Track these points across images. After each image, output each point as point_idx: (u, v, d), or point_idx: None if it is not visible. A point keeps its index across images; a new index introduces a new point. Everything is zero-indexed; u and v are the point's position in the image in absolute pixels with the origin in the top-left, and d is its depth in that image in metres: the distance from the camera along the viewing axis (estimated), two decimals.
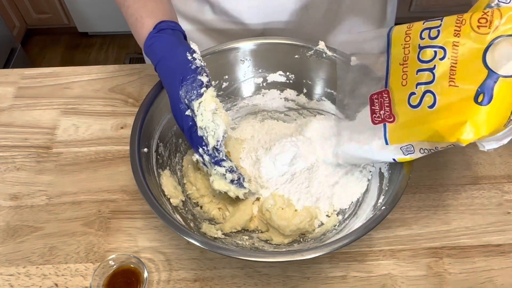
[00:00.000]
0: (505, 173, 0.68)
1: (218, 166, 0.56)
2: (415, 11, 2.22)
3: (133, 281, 0.57)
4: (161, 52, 0.56)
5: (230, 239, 0.60)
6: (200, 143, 0.55)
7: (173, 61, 0.55)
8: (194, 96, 0.54)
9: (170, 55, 0.56)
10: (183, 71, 0.54)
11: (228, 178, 0.57)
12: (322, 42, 0.67)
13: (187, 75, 0.54)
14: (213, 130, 0.54)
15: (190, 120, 0.55)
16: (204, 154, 0.55)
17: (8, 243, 0.63)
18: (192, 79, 0.54)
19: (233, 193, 0.59)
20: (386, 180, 0.60)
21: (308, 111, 0.73)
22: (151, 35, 0.58)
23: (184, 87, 0.54)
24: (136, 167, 0.55)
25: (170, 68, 0.55)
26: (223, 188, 0.59)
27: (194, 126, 0.55)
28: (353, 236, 0.50)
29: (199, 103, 0.53)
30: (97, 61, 2.30)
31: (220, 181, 0.58)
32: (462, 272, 0.60)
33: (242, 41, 0.69)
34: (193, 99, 0.53)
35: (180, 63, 0.55)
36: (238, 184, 0.59)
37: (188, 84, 0.54)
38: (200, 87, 0.54)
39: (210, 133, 0.54)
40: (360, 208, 0.61)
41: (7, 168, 0.71)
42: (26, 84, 0.82)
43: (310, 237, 0.61)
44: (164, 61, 0.56)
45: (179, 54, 0.55)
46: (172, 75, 0.55)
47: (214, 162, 0.56)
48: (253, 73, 0.71)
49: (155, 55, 0.57)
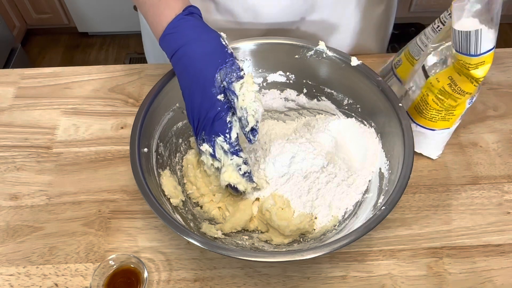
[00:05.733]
0: (505, 173, 0.68)
1: (236, 156, 0.57)
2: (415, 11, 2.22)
3: (133, 281, 0.57)
4: (191, 34, 0.55)
5: (230, 239, 0.60)
6: (223, 130, 0.55)
7: (208, 44, 0.54)
8: (235, 78, 0.54)
9: (204, 39, 0.55)
10: (221, 54, 0.54)
11: (243, 169, 0.58)
12: (322, 42, 0.67)
13: (225, 58, 0.54)
14: (254, 110, 0.54)
15: (219, 105, 0.54)
16: (224, 143, 0.55)
17: (8, 243, 0.63)
18: (231, 62, 0.54)
19: (243, 186, 0.60)
20: (386, 180, 0.60)
21: (308, 111, 0.73)
22: (180, 16, 0.56)
23: (223, 69, 0.53)
24: (136, 167, 0.55)
25: (205, 52, 0.54)
26: (234, 180, 0.59)
27: (222, 112, 0.54)
28: (353, 236, 0.50)
29: (241, 84, 0.54)
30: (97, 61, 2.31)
31: (232, 173, 0.58)
32: (462, 272, 0.60)
33: (242, 41, 0.69)
34: (233, 81, 0.53)
35: (217, 47, 0.54)
36: (249, 177, 0.59)
37: (228, 67, 0.54)
38: (239, 70, 0.54)
39: (251, 112, 0.54)
40: (360, 208, 0.61)
41: (7, 168, 0.71)
42: (26, 84, 0.82)
43: (310, 237, 0.61)
44: (196, 43, 0.55)
45: (213, 38, 0.55)
46: (207, 58, 0.54)
47: (232, 152, 0.56)
48: (253, 73, 0.71)
49: (181, 37, 0.55)
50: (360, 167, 0.65)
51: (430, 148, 0.70)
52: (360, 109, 0.68)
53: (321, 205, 0.62)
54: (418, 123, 0.68)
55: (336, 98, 0.70)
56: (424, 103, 0.65)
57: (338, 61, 0.67)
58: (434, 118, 0.65)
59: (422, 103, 0.65)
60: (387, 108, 0.62)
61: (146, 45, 0.98)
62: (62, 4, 2.21)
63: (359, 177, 0.64)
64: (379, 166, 0.63)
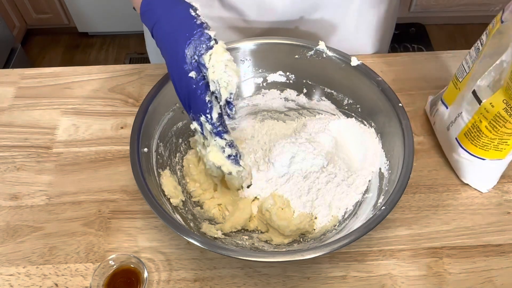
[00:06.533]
0: (505, 173, 0.68)
1: (219, 137, 0.55)
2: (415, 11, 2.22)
3: (133, 281, 0.57)
4: (161, 11, 0.53)
5: (230, 239, 0.60)
6: (203, 109, 0.52)
7: (175, 18, 0.52)
8: (204, 49, 0.50)
9: (172, 13, 0.52)
10: (188, 27, 0.51)
11: (227, 152, 0.56)
12: (322, 42, 0.67)
13: (193, 30, 0.51)
14: (226, 81, 0.50)
15: (193, 82, 0.51)
16: (206, 123, 0.53)
17: (8, 243, 0.63)
18: (199, 33, 0.50)
19: (226, 169, 0.58)
20: (386, 180, 0.60)
21: (308, 111, 0.73)
22: None
23: (192, 43, 0.50)
24: (136, 167, 0.55)
25: (173, 27, 0.52)
26: (218, 161, 0.57)
27: (198, 90, 0.52)
28: (353, 236, 0.50)
29: (209, 55, 0.50)
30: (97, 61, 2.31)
31: (217, 154, 0.57)
32: (462, 272, 0.60)
33: (242, 41, 0.69)
34: (203, 53, 0.50)
35: (184, 20, 0.51)
36: (235, 160, 0.57)
37: (196, 39, 0.50)
38: (209, 40, 0.51)
39: (223, 84, 0.50)
40: (360, 208, 0.61)
41: (7, 168, 0.71)
42: (26, 84, 0.82)
43: (310, 237, 0.61)
44: (165, 19, 0.52)
45: (181, 11, 0.52)
46: (176, 33, 0.51)
47: (215, 133, 0.54)
48: (253, 73, 0.71)
49: (153, 15, 0.53)
50: (360, 167, 0.65)
51: (478, 179, 0.67)
52: (360, 109, 0.68)
53: (321, 205, 0.62)
54: (468, 150, 0.64)
55: (336, 98, 0.70)
56: (477, 129, 0.61)
57: (338, 61, 0.67)
58: (486, 147, 0.62)
59: (474, 130, 0.62)
60: (387, 108, 0.62)
61: (148, 45, 0.98)
62: (62, 4, 2.21)
63: (359, 177, 0.64)
64: (379, 166, 0.63)
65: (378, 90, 0.63)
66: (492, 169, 0.65)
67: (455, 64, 0.82)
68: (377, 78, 0.64)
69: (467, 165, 0.66)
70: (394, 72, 0.82)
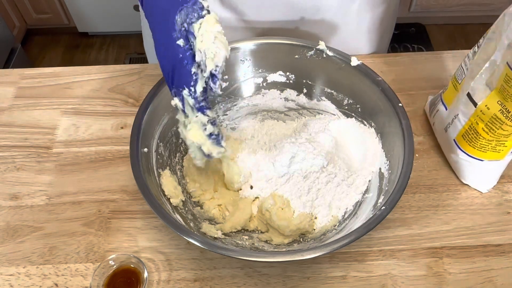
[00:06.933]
0: (505, 173, 0.68)
1: (202, 113, 0.52)
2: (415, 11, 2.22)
3: (133, 281, 0.57)
4: None
5: (230, 239, 0.60)
6: (188, 81, 0.50)
7: None
8: (195, 18, 0.49)
9: None
10: None
11: (208, 129, 0.54)
12: (322, 42, 0.67)
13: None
14: (213, 52, 0.48)
15: (181, 51, 0.49)
16: (189, 97, 0.51)
17: (8, 243, 0.63)
18: (193, 1, 0.48)
19: (207, 149, 0.55)
20: (386, 180, 0.60)
21: (308, 111, 0.73)
22: None
23: (184, 10, 0.48)
24: (136, 167, 0.55)
25: None
26: (198, 140, 0.55)
27: (184, 60, 0.49)
28: (353, 236, 0.50)
29: (200, 23, 0.49)
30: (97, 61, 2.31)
31: (197, 132, 0.54)
32: (462, 272, 0.60)
33: (242, 41, 0.69)
34: (194, 21, 0.48)
35: None
36: (216, 140, 0.55)
37: (189, 6, 0.48)
38: (202, 9, 0.49)
39: (210, 55, 0.48)
40: (360, 208, 0.61)
41: (7, 168, 0.71)
42: (26, 84, 0.82)
43: (310, 237, 0.61)
44: None
45: None
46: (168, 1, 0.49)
47: (198, 108, 0.52)
48: (253, 73, 0.71)
49: None
50: (360, 167, 0.65)
51: (478, 180, 0.67)
52: (360, 109, 0.68)
53: (321, 205, 0.62)
54: (466, 151, 0.64)
55: (336, 98, 0.70)
56: (474, 131, 0.62)
57: (338, 61, 0.67)
58: (484, 148, 0.62)
59: (471, 132, 0.62)
60: (387, 108, 0.62)
61: (146, 45, 0.98)
62: (62, 4, 2.21)
63: (359, 177, 0.64)
64: (379, 166, 0.63)
65: (378, 90, 0.63)
66: (491, 170, 0.66)
67: (455, 64, 0.82)
68: (377, 78, 0.64)
69: (466, 166, 0.66)
70: (394, 72, 0.82)
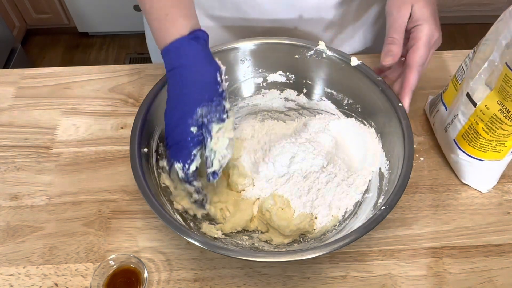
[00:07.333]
0: (505, 173, 0.68)
1: (189, 184, 0.57)
2: None
3: (133, 281, 0.57)
4: (192, 61, 0.54)
5: (230, 239, 0.60)
6: (186, 160, 0.54)
7: (203, 77, 0.54)
8: (216, 119, 0.54)
9: (201, 69, 0.54)
10: (211, 92, 0.54)
11: (194, 198, 0.59)
12: (322, 42, 0.67)
13: (213, 96, 0.54)
14: (222, 156, 0.55)
15: (190, 135, 0.54)
16: (180, 170, 0.55)
17: (8, 243, 0.63)
18: (217, 102, 0.54)
19: (192, 212, 0.60)
20: (386, 180, 0.60)
21: (308, 111, 0.73)
22: (184, 40, 0.55)
23: (207, 107, 0.53)
24: (136, 167, 0.55)
25: (198, 83, 0.54)
26: (185, 205, 0.60)
27: (191, 143, 0.54)
28: (353, 236, 0.50)
29: (219, 127, 0.54)
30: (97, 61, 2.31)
31: (184, 199, 0.59)
32: (462, 272, 0.60)
33: (242, 41, 0.69)
34: (213, 121, 0.54)
35: (209, 83, 0.54)
36: (201, 204, 0.60)
37: (213, 106, 0.54)
38: (223, 112, 0.54)
39: (218, 157, 0.55)
40: (360, 208, 0.61)
41: (7, 168, 0.71)
42: (26, 84, 0.82)
43: (310, 237, 0.61)
44: (192, 70, 0.54)
45: (210, 72, 0.54)
46: (197, 91, 0.54)
47: (186, 181, 0.56)
48: (253, 73, 0.71)
49: (180, 59, 0.55)
50: (360, 167, 0.65)
51: (478, 180, 0.67)
52: (360, 109, 0.68)
53: (321, 205, 0.62)
54: (466, 151, 0.64)
55: (336, 98, 0.70)
56: (474, 131, 0.62)
57: (338, 61, 0.67)
58: (484, 148, 0.62)
59: (471, 132, 0.62)
60: (387, 108, 0.62)
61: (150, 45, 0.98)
62: (62, 4, 2.21)
63: (359, 177, 0.64)
64: (379, 166, 0.63)
65: (378, 90, 0.63)
66: (491, 170, 0.66)
67: (455, 64, 0.82)
68: (377, 78, 0.64)
69: (466, 166, 0.66)
70: None
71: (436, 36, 0.61)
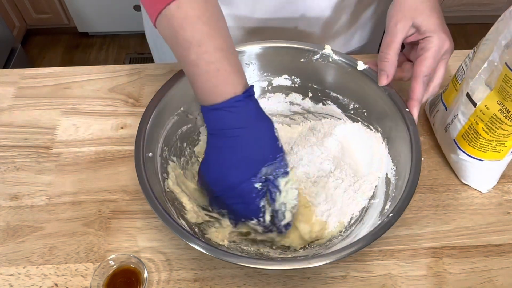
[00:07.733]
0: (505, 173, 0.68)
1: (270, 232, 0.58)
2: None
3: (133, 281, 0.57)
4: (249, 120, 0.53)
5: (235, 245, 0.59)
6: (257, 214, 0.55)
7: (263, 135, 0.54)
8: (281, 173, 0.54)
9: (259, 126, 0.54)
10: (273, 149, 0.54)
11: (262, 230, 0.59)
12: (328, 46, 0.66)
13: (276, 153, 0.54)
14: (293, 206, 0.56)
15: (255, 191, 0.54)
16: (258, 226, 0.56)
17: (8, 243, 0.63)
18: (281, 158, 0.54)
19: None
20: (392, 186, 0.59)
21: (313, 115, 0.72)
22: (241, 98, 0.52)
23: (273, 165, 0.53)
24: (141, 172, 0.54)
25: (260, 142, 0.54)
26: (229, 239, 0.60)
27: (257, 198, 0.54)
28: (361, 244, 0.49)
29: (285, 181, 0.54)
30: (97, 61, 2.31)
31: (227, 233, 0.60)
32: (462, 272, 0.60)
33: (247, 45, 0.67)
34: (279, 176, 0.54)
35: (270, 140, 0.54)
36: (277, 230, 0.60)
37: (277, 162, 0.54)
38: (286, 166, 0.55)
39: (289, 208, 0.55)
40: (367, 214, 0.60)
41: (7, 168, 0.71)
42: (26, 84, 0.82)
43: (316, 243, 0.60)
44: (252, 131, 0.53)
45: (268, 129, 0.54)
46: (261, 151, 0.53)
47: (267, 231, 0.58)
48: (258, 77, 0.71)
49: (236, 120, 0.52)
50: (366, 172, 0.64)
51: (478, 180, 0.67)
52: (366, 113, 0.67)
53: (333, 212, 0.61)
54: (466, 151, 0.64)
55: (342, 102, 0.69)
56: (474, 131, 0.62)
57: (344, 65, 0.66)
58: (484, 148, 0.62)
59: (471, 132, 0.62)
60: (394, 112, 0.61)
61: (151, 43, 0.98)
62: (62, 4, 2.21)
63: (366, 182, 0.63)
64: (385, 172, 0.62)
65: (384, 94, 0.62)
66: (491, 170, 0.66)
67: (455, 64, 0.81)
68: None
69: (466, 166, 0.66)
70: None
71: (447, 45, 0.61)
